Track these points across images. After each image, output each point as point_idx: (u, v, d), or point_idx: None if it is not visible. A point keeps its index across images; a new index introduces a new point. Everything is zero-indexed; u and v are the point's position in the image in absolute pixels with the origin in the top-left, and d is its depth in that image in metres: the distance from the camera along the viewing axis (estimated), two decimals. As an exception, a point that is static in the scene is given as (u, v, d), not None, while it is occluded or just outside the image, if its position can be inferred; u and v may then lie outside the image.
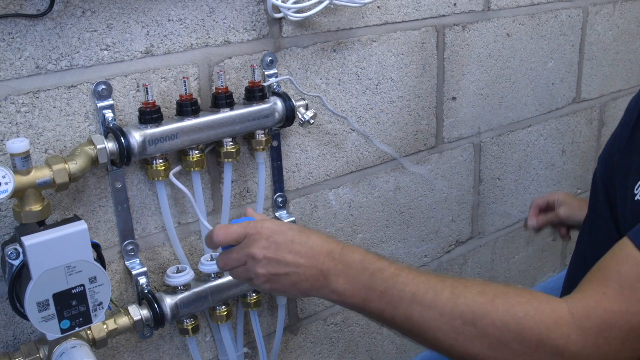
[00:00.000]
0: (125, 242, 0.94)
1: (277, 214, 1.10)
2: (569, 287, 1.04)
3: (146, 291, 0.95)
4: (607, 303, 0.64)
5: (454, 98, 1.32)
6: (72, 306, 0.79)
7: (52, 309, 0.77)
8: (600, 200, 0.87)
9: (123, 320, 0.91)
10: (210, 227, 0.95)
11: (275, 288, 0.77)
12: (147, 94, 0.87)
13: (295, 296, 0.79)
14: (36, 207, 0.78)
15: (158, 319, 0.93)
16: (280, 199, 1.10)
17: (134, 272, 0.95)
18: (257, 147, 1.00)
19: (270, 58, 1.00)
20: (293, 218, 1.11)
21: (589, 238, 0.92)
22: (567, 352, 0.64)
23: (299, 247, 0.76)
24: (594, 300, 0.65)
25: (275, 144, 1.05)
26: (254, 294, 1.06)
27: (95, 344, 0.87)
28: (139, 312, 0.92)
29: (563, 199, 1.23)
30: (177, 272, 0.96)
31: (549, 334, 0.64)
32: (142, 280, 0.95)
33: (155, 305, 0.93)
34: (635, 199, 0.74)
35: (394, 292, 0.71)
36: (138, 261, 0.95)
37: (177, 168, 0.95)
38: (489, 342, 0.66)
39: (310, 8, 0.99)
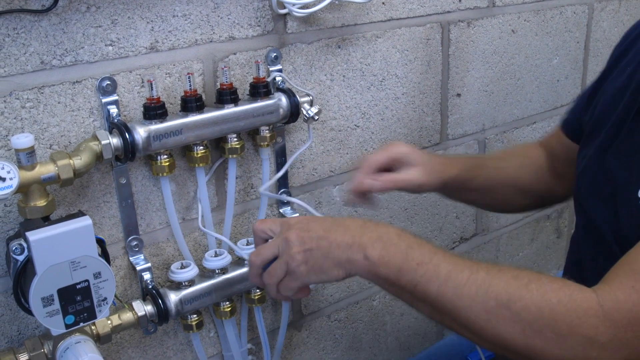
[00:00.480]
0: (130, 238, 0.94)
1: (281, 210, 1.10)
2: None
3: (150, 287, 0.95)
4: (636, 297, 0.64)
5: (458, 95, 1.32)
6: (76, 301, 0.79)
7: (56, 304, 0.77)
8: (595, 207, 0.86)
9: (127, 316, 0.91)
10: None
11: (311, 267, 0.74)
12: (152, 89, 0.87)
13: (330, 274, 0.75)
14: (41, 203, 0.78)
15: (162, 314, 0.93)
16: (284, 195, 1.09)
17: (138, 268, 0.95)
18: (262, 143, 1.00)
19: (275, 54, 1.00)
20: (297, 214, 1.11)
21: (585, 241, 0.91)
22: (596, 342, 0.63)
23: (331, 223, 0.77)
24: (622, 293, 0.64)
25: (279, 140, 1.05)
26: (258, 290, 1.06)
27: (99, 340, 0.87)
28: (143, 308, 0.92)
29: (412, 157, 0.93)
30: (181, 268, 0.96)
31: (580, 323, 0.63)
32: (147, 275, 0.95)
33: (160, 301, 0.93)
34: None
35: (430, 266, 0.69)
36: (142, 257, 0.96)
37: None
38: (522, 327, 0.65)
39: (315, 4, 0.99)
